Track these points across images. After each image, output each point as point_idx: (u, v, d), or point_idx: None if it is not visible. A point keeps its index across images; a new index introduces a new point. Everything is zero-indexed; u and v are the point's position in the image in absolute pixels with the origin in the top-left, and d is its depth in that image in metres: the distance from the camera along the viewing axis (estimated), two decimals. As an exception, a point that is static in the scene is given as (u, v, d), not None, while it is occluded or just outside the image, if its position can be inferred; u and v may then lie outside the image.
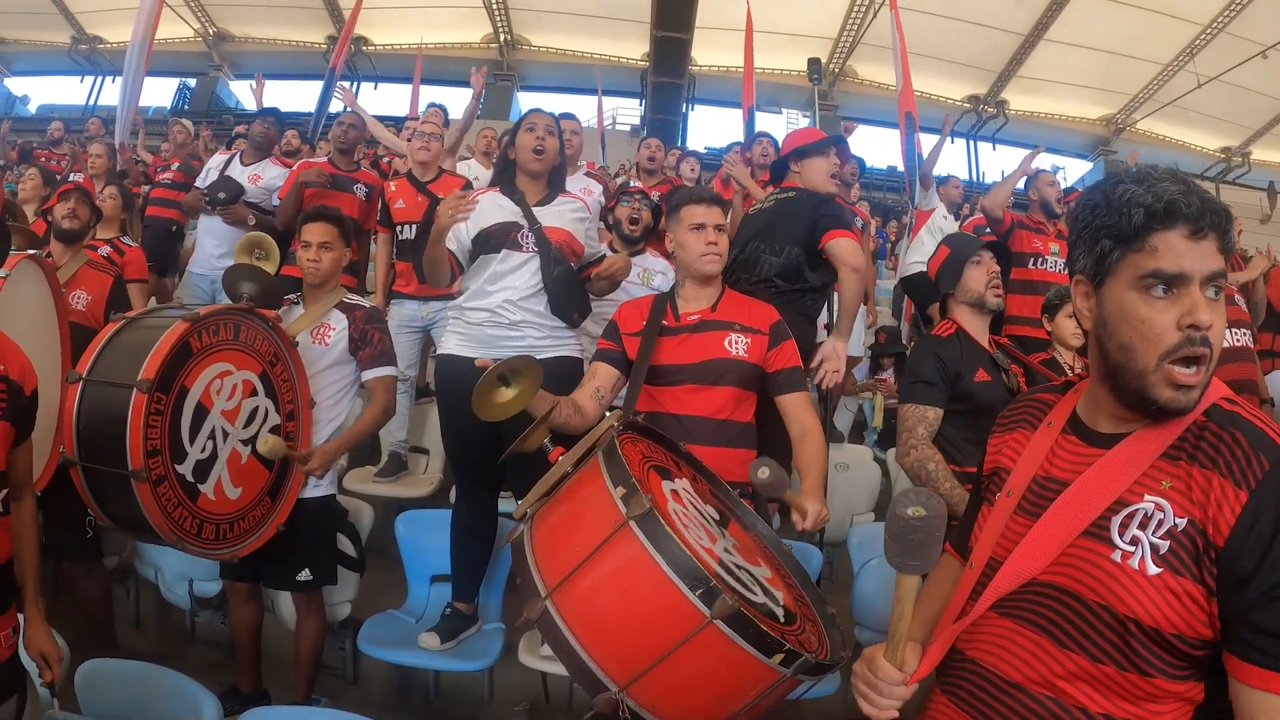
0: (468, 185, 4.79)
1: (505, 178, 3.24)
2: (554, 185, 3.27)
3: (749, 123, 10.28)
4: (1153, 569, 1.16)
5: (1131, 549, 1.18)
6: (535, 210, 3.14)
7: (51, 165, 7.82)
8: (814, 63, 15.18)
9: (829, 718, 3.29)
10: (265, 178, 5.45)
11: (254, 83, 7.38)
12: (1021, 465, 1.39)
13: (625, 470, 1.60)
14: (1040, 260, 4.87)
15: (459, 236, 3.12)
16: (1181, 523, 1.15)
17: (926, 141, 7.50)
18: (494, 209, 3.14)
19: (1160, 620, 1.15)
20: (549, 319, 3.10)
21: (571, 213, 3.22)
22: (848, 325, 3.21)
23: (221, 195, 5.18)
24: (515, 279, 3.06)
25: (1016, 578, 1.26)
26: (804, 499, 2.14)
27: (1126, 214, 1.19)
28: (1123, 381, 1.23)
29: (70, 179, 6.35)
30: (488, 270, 3.09)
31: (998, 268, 3.00)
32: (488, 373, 1.99)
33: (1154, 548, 1.16)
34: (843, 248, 3.25)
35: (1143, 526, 1.18)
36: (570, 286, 3.12)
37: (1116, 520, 1.20)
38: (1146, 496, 1.19)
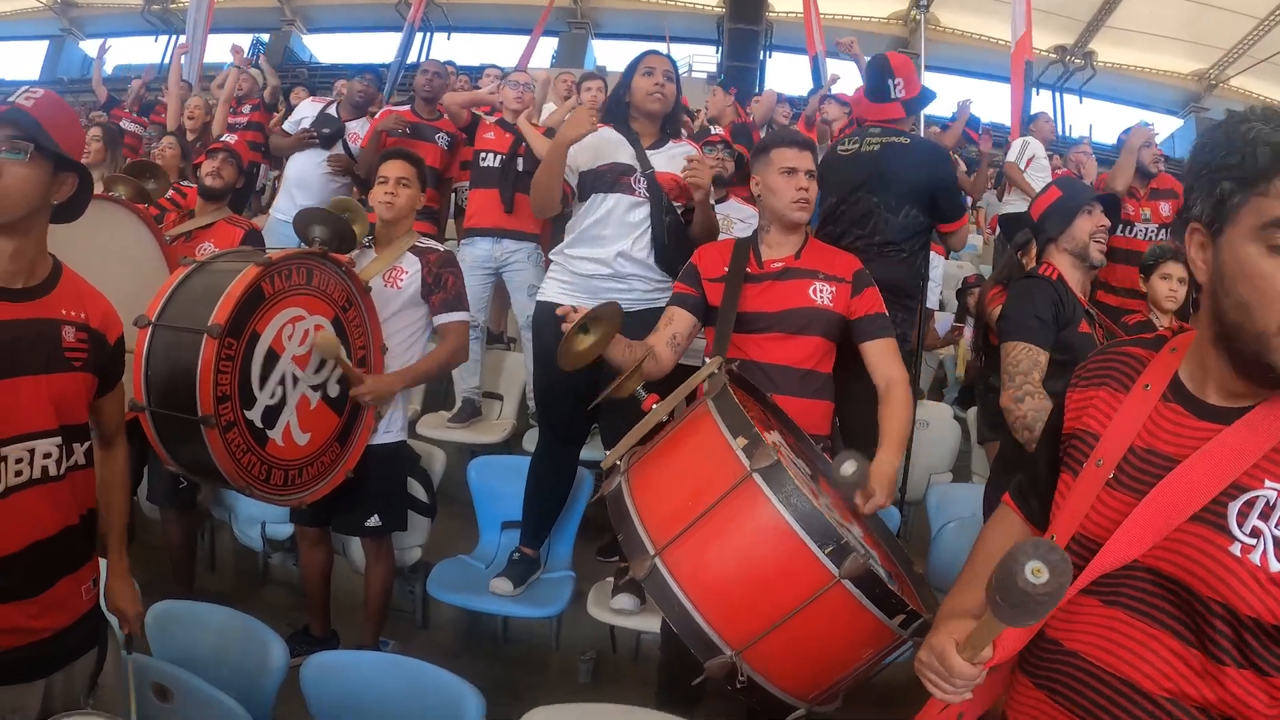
0: (550, 132, 4.73)
1: (617, 117, 3.16)
2: (667, 130, 3.19)
3: (815, 71, 10.05)
4: (1275, 565, 1.03)
5: (1253, 542, 1.05)
6: (648, 154, 3.06)
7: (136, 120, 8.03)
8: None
9: (901, 683, 3.20)
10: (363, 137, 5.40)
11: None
12: (1114, 432, 1.23)
13: (745, 419, 1.51)
14: (1130, 228, 4.65)
15: (571, 164, 3.07)
16: None
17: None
18: (608, 146, 3.07)
19: None
20: (656, 272, 3.06)
21: (684, 156, 3.11)
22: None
23: (326, 130, 5.28)
24: (625, 226, 3.01)
25: (1112, 564, 1.14)
26: (873, 479, 2.00)
27: (1252, 153, 1.05)
28: (1240, 345, 1.08)
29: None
30: (597, 214, 3.04)
31: (1107, 222, 2.79)
32: (574, 324, 1.92)
33: (1276, 541, 1.04)
34: (960, 240, 3.44)
35: (1264, 517, 1.05)
36: (678, 237, 3.05)
37: (1234, 507, 1.07)
38: (1267, 483, 1.06)
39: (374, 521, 3.06)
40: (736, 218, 4.41)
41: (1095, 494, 1.21)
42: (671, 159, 3.08)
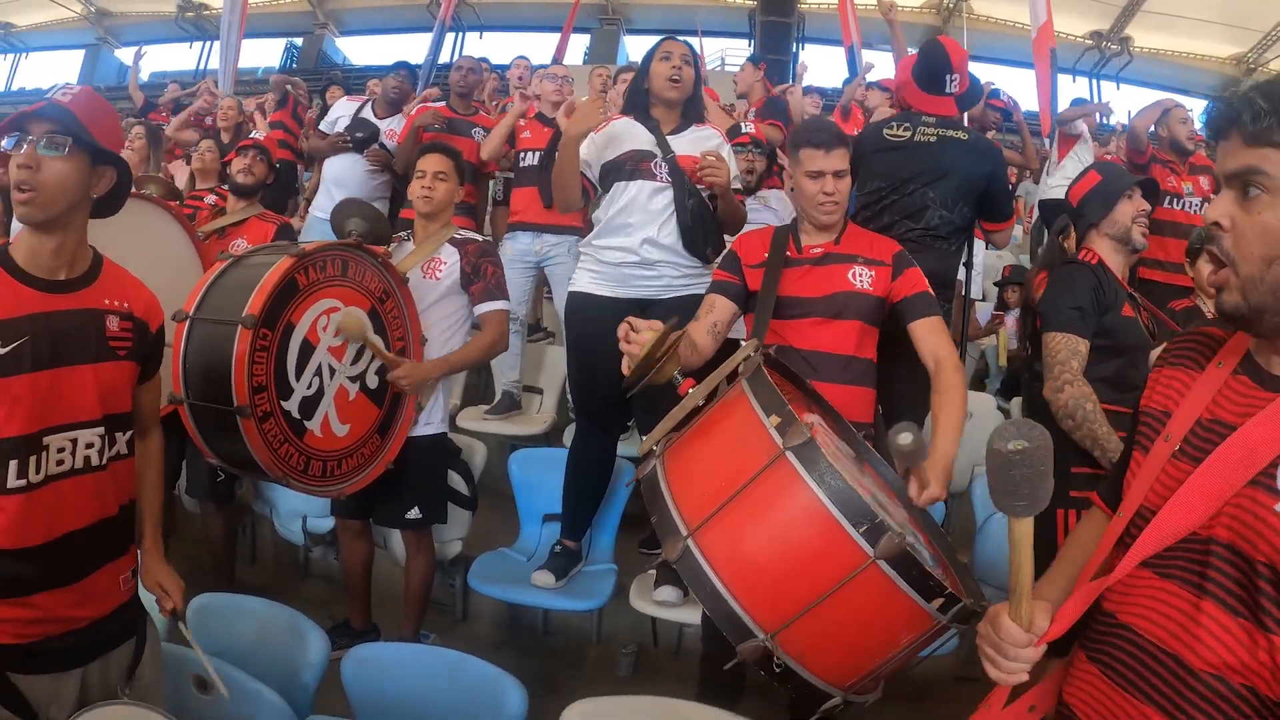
0: None
1: (638, 106, 3.14)
2: (688, 115, 3.16)
3: (851, 61, 9.96)
4: None
5: None
6: (669, 139, 3.04)
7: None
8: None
9: (941, 678, 3.15)
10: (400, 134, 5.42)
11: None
12: (1184, 407, 1.21)
13: (779, 398, 1.49)
14: (1176, 200, 4.57)
15: (588, 158, 3.05)
16: None
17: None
18: (626, 135, 3.06)
19: None
20: (685, 257, 3.02)
21: (706, 140, 3.09)
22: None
23: (359, 135, 5.29)
24: (649, 213, 2.98)
25: (1170, 533, 1.10)
26: (929, 469, 1.87)
27: None
28: None
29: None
30: (620, 202, 3.01)
31: (1147, 206, 2.74)
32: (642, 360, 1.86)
33: None
34: (1005, 239, 3.57)
35: None
36: (704, 221, 3.02)
37: None
38: None
39: (414, 514, 3.07)
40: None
41: (1161, 465, 1.19)
42: (694, 142, 3.05)
